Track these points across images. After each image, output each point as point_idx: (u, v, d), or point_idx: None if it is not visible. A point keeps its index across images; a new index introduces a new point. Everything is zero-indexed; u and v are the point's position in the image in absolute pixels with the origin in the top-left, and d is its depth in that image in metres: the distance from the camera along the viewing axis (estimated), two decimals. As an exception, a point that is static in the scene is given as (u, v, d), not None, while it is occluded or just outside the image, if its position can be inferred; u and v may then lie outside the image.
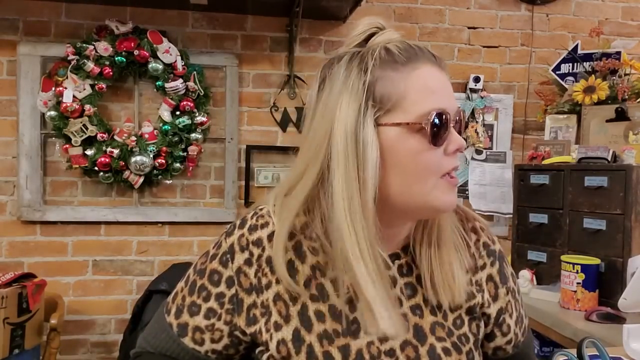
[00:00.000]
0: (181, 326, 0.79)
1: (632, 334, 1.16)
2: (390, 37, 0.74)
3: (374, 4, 2.59)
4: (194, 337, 0.78)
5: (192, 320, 0.78)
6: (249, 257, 0.77)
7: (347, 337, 0.73)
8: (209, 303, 0.77)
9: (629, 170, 1.84)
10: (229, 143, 2.51)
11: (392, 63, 0.71)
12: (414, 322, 0.77)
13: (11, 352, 1.94)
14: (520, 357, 0.91)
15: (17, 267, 2.35)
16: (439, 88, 0.71)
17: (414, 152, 0.70)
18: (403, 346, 0.74)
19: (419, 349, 0.75)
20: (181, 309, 0.80)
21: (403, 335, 0.74)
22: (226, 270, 0.78)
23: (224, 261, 0.78)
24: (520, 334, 0.89)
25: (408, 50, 0.72)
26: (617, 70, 2.32)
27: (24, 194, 2.34)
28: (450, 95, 0.73)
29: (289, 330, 0.74)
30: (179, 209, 2.49)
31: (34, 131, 2.34)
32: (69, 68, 2.27)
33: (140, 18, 2.40)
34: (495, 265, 0.86)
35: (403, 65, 0.71)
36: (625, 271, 1.77)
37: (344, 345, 0.73)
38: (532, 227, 2.21)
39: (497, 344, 0.87)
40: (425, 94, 0.70)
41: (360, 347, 0.73)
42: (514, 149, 2.75)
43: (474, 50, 2.72)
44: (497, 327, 0.86)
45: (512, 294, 0.88)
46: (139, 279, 2.47)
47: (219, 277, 0.78)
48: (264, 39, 2.54)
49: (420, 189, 0.71)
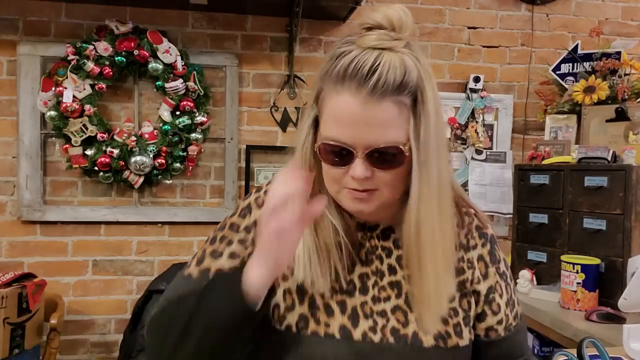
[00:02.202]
0: (203, 272, 0.83)
1: (632, 334, 1.16)
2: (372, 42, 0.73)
3: (374, 4, 2.59)
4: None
5: (213, 264, 0.83)
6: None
7: (344, 295, 0.83)
8: (231, 247, 0.84)
9: (629, 170, 1.84)
10: (229, 143, 2.51)
11: (329, 75, 0.74)
12: (406, 289, 0.84)
13: (11, 352, 1.94)
14: (512, 343, 0.91)
15: (17, 267, 2.35)
16: (345, 123, 0.73)
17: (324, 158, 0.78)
18: (394, 309, 0.83)
19: (408, 314, 0.82)
20: (202, 258, 0.85)
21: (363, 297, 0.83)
22: (244, 221, 0.87)
23: (242, 214, 0.88)
24: (512, 317, 0.90)
25: (345, 70, 0.72)
26: (617, 70, 2.32)
27: (24, 194, 2.34)
28: (361, 130, 0.72)
29: (294, 282, 0.83)
30: (179, 209, 2.49)
31: (34, 131, 2.34)
32: (69, 68, 2.27)
33: (140, 18, 2.40)
34: (486, 246, 0.90)
35: (333, 84, 0.74)
36: (625, 271, 1.77)
37: (341, 300, 0.82)
38: (532, 227, 2.21)
39: (489, 323, 0.88)
40: (332, 121, 0.74)
41: (355, 305, 0.82)
42: (514, 149, 2.75)
43: (474, 50, 2.72)
44: (487, 305, 0.88)
45: (502, 277, 0.90)
46: (139, 279, 2.47)
47: (238, 226, 0.87)
48: (264, 39, 2.54)
49: (330, 187, 0.80)
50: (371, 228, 0.87)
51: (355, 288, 0.84)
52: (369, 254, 0.86)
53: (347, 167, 0.75)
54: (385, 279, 0.85)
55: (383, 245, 0.87)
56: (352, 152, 0.73)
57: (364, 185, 0.75)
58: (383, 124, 0.72)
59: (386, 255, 0.86)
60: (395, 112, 0.72)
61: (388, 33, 0.73)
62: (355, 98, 0.71)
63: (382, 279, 0.85)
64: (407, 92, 0.72)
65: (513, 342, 0.91)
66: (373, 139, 0.72)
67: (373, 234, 0.87)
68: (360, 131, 0.72)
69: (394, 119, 0.72)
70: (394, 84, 0.71)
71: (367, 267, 0.85)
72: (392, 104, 0.71)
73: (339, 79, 0.72)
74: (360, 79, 0.70)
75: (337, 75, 0.73)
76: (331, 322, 0.81)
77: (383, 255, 0.86)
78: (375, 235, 0.87)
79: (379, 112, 0.71)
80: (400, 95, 0.72)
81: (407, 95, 0.72)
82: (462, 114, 2.67)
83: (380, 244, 0.87)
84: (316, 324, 0.81)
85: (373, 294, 0.84)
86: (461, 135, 2.69)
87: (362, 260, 0.86)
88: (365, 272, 0.85)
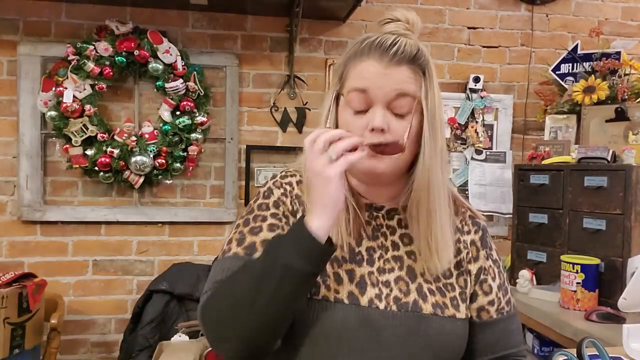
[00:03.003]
0: (249, 247, 0.88)
1: (632, 334, 1.16)
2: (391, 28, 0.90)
3: (374, 4, 2.60)
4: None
5: (257, 238, 0.89)
6: (284, 191, 0.96)
7: (353, 264, 0.90)
8: (268, 221, 0.91)
9: (629, 170, 1.84)
10: (229, 143, 2.51)
11: (355, 53, 0.90)
12: (407, 263, 0.92)
13: (11, 351, 1.94)
14: (505, 329, 0.95)
15: (18, 267, 2.35)
16: (368, 75, 0.86)
17: (345, 120, 0.89)
18: (397, 280, 0.90)
19: (409, 284, 0.90)
20: (242, 238, 0.90)
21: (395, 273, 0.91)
22: (270, 199, 0.95)
23: (266, 195, 0.95)
24: (504, 302, 0.96)
25: (371, 44, 0.88)
26: (616, 70, 2.32)
27: (24, 194, 2.34)
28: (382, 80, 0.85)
29: None
30: (179, 208, 2.49)
31: (34, 131, 2.34)
32: (69, 68, 2.27)
33: (140, 18, 2.40)
34: (478, 233, 0.99)
35: (359, 57, 0.88)
36: (625, 271, 1.78)
37: (350, 269, 0.89)
38: (531, 227, 2.21)
39: (480, 303, 0.95)
40: (356, 78, 0.88)
41: (362, 274, 0.89)
42: (514, 149, 2.75)
43: (473, 50, 2.72)
44: (478, 285, 0.95)
45: (494, 263, 0.98)
46: (139, 279, 2.47)
47: (267, 204, 0.94)
48: (264, 39, 2.55)
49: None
50: (377, 209, 0.96)
51: (363, 259, 0.91)
52: (375, 231, 0.94)
53: (368, 116, 0.86)
54: (389, 253, 0.93)
55: (388, 224, 0.95)
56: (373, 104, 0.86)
57: (382, 138, 0.85)
58: (400, 80, 0.85)
59: (390, 232, 0.94)
60: (411, 74, 0.86)
61: (404, 24, 0.90)
62: (380, 62, 0.85)
63: (387, 252, 0.93)
64: (419, 63, 0.87)
65: (506, 329, 0.95)
66: (391, 87, 0.85)
67: (379, 214, 0.96)
68: (381, 84, 0.85)
69: (409, 79, 0.86)
70: (410, 54, 0.86)
71: (374, 241, 0.93)
72: (407, 69, 0.86)
73: (364, 52, 0.87)
74: (383, 49, 0.86)
75: (362, 50, 0.88)
76: (340, 289, 0.87)
77: (387, 233, 0.94)
78: (381, 215, 0.96)
79: (398, 72, 0.85)
80: (414, 65, 0.86)
81: (419, 67, 0.87)
82: (462, 114, 2.67)
83: (385, 222, 0.95)
84: (326, 290, 0.86)
85: (379, 265, 0.91)
86: (461, 136, 2.69)
87: (369, 235, 0.93)
88: (371, 246, 0.93)
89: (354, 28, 2.60)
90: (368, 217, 0.95)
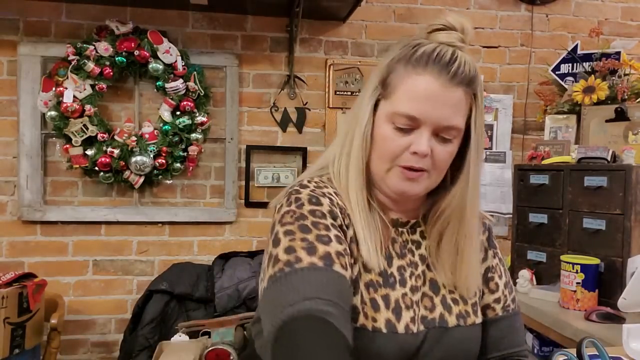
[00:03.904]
0: (325, 257, 0.76)
1: (631, 334, 1.16)
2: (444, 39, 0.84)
3: (374, 4, 2.60)
4: (341, 262, 0.77)
5: (330, 248, 0.78)
6: (330, 201, 0.85)
7: (387, 288, 0.87)
8: (332, 232, 0.81)
9: (629, 170, 1.84)
10: (229, 143, 2.51)
11: (407, 61, 0.84)
12: (429, 277, 0.91)
13: (11, 351, 1.94)
14: (510, 327, 0.97)
15: (18, 267, 2.35)
16: (423, 97, 0.81)
17: (384, 134, 0.85)
18: (422, 297, 0.89)
19: (434, 299, 0.90)
20: (311, 247, 0.76)
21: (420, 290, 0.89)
22: (322, 207, 0.83)
23: (314, 202, 0.84)
24: (510, 299, 0.98)
25: (428, 56, 0.82)
26: (616, 70, 2.32)
27: (24, 194, 2.34)
28: (436, 107, 0.81)
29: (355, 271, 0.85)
30: (179, 209, 2.49)
31: (35, 131, 2.34)
32: (70, 68, 2.27)
33: (140, 18, 2.40)
34: (485, 234, 1.00)
35: (412, 67, 0.83)
36: (625, 271, 1.78)
37: (385, 295, 0.86)
38: (531, 227, 2.21)
39: (486, 301, 0.97)
40: (408, 96, 0.83)
41: (397, 298, 0.87)
42: (514, 149, 2.75)
43: (473, 50, 2.72)
44: (485, 283, 0.97)
45: (499, 261, 1.00)
46: (139, 279, 2.47)
47: (321, 212, 0.83)
48: (264, 39, 2.55)
49: (381, 165, 0.86)
50: (402, 224, 0.94)
51: (396, 281, 0.88)
52: (402, 248, 0.92)
53: (411, 138, 0.83)
54: (419, 268, 0.92)
55: (412, 239, 0.94)
56: (419, 127, 0.83)
57: (421, 163, 0.83)
58: (454, 106, 0.83)
59: (416, 247, 0.93)
60: (463, 99, 0.83)
61: (458, 35, 0.85)
62: (438, 80, 0.81)
63: (417, 268, 0.91)
64: (473, 86, 0.85)
65: (511, 326, 0.96)
66: (443, 117, 0.82)
67: (404, 230, 0.94)
68: (434, 108, 0.82)
69: (461, 105, 0.83)
70: (468, 76, 0.83)
71: (402, 259, 0.91)
72: (463, 93, 0.83)
73: (421, 63, 0.82)
74: (443, 65, 0.81)
75: (418, 59, 0.83)
76: (377, 317, 0.84)
77: (413, 248, 0.93)
78: (406, 230, 0.94)
79: (454, 96, 0.82)
80: (469, 87, 0.84)
81: (473, 90, 0.85)
82: (462, 114, 2.67)
83: (410, 237, 0.94)
84: (364, 318, 0.83)
85: (411, 285, 0.89)
86: (461, 136, 2.69)
87: (398, 253, 0.91)
88: (402, 265, 0.90)
89: (354, 28, 2.60)
90: (395, 233, 0.92)
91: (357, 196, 0.86)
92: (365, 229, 0.85)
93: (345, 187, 0.88)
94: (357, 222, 0.85)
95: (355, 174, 0.87)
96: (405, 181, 0.85)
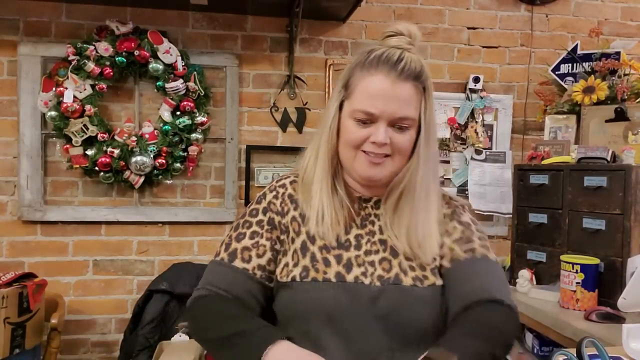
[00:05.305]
0: (231, 253, 1.01)
1: (631, 334, 1.17)
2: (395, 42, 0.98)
3: (374, 4, 2.60)
4: (243, 256, 1.00)
5: (239, 245, 1.01)
6: (276, 194, 1.06)
7: (341, 250, 1.00)
8: (251, 228, 1.03)
9: (628, 170, 1.84)
10: (229, 143, 2.51)
11: (362, 65, 0.98)
12: (390, 244, 1.01)
13: (12, 351, 1.94)
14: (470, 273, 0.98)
15: (18, 267, 2.35)
16: (376, 94, 0.95)
17: (347, 128, 0.99)
18: (381, 261, 0.99)
19: (392, 261, 0.99)
20: (229, 243, 1.02)
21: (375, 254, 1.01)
22: (261, 205, 1.06)
23: (259, 200, 1.07)
24: (460, 250, 1.01)
25: (378, 58, 0.96)
26: (616, 70, 2.32)
27: (24, 194, 2.35)
28: (389, 101, 0.94)
29: (298, 242, 1.01)
30: (179, 209, 2.49)
31: (35, 131, 2.34)
32: (70, 68, 2.27)
33: (140, 18, 2.40)
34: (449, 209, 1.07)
35: (367, 69, 0.97)
36: (625, 271, 1.78)
37: (337, 254, 0.99)
38: (531, 227, 2.21)
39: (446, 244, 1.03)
40: (364, 95, 0.96)
41: (349, 257, 0.99)
42: (514, 149, 2.75)
43: (473, 50, 2.72)
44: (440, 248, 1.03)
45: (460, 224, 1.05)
46: (139, 279, 2.47)
47: (257, 211, 1.05)
48: (264, 39, 2.55)
49: (347, 153, 1.00)
50: (366, 200, 1.06)
51: (351, 245, 1.01)
52: (364, 220, 1.04)
53: (370, 130, 0.96)
54: (376, 236, 1.02)
55: (375, 213, 1.05)
56: (376, 120, 0.96)
57: (380, 150, 0.96)
58: (405, 99, 0.95)
59: (378, 219, 1.04)
60: (413, 93, 0.96)
61: (406, 38, 0.98)
62: (387, 77, 0.94)
63: (374, 236, 1.02)
64: (421, 80, 0.97)
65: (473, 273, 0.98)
66: (396, 109, 0.95)
67: (367, 205, 1.06)
68: (387, 102, 0.94)
69: (412, 97, 0.96)
70: (415, 72, 0.96)
71: (362, 229, 1.03)
72: (412, 87, 0.96)
73: (372, 64, 0.96)
74: (392, 64, 0.95)
75: (371, 62, 0.96)
76: (328, 270, 0.97)
77: (375, 220, 1.04)
78: (370, 205, 1.06)
79: (403, 90, 0.95)
80: (418, 81, 0.96)
81: (421, 83, 0.97)
82: (462, 114, 2.67)
83: (373, 212, 1.05)
84: (315, 272, 0.97)
85: (365, 249, 1.01)
86: (461, 136, 2.69)
87: (358, 224, 1.04)
88: (359, 233, 1.02)
89: (354, 28, 2.60)
90: (357, 208, 1.05)
91: (321, 182, 1.01)
92: (327, 207, 1.00)
93: (311, 176, 1.03)
94: (313, 203, 1.01)
95: (323, 163, 1.02)
96: (371, 166, 0.98)
